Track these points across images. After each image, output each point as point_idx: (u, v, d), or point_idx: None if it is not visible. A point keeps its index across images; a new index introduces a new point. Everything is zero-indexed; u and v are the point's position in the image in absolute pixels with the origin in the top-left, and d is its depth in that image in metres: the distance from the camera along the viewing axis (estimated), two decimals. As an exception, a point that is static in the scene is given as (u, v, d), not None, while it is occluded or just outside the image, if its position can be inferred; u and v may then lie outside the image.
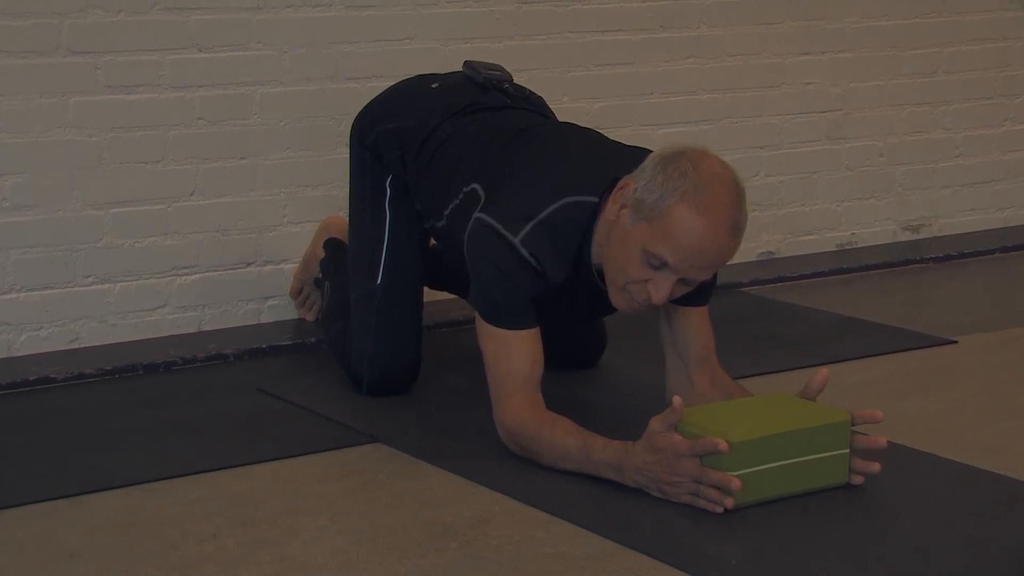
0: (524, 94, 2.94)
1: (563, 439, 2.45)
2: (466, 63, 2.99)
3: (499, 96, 2.90)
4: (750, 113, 3.96)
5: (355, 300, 2.94)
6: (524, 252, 2.50)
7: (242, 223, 3.34)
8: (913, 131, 4.21)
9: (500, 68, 2.98)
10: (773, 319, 3.53)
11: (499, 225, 2.50)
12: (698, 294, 2.57)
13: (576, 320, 2.77)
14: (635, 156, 2.54)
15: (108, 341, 3.21)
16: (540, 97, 2.99)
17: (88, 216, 3.17)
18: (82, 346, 3.18)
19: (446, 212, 2.75)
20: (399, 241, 2.90)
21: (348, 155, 3.42)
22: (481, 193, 2.64)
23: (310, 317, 3.35)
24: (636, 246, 2.40)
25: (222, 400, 2.93)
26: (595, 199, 2.51)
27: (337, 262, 3.17)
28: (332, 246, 3.23)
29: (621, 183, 2.46)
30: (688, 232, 2.37)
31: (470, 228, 2.55)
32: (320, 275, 3.25)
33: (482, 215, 2.54)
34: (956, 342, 3.33)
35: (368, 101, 3.02)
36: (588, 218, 2.52)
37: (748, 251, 3.97)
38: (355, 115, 3.01)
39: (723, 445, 2.27)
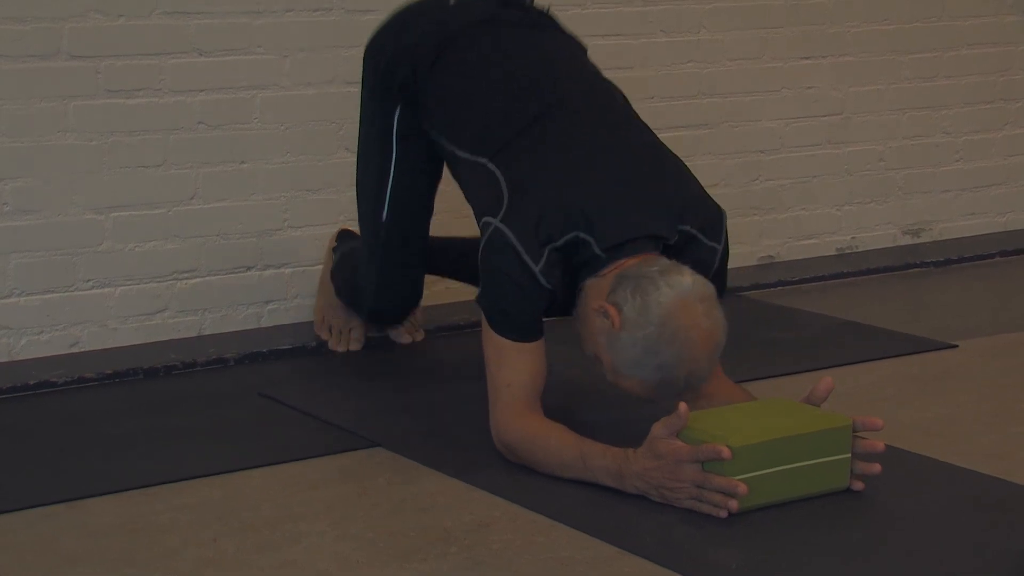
0: (544, 9, 2.85)
1: (559, 448, 2.45)
2: None
3: (519, 14, 2.81)
4: (750, 117, 3.96)
5: (363, 235, 2.96)
6: (542, 280, 2.49)
7: (242, 227, 3.34)
8: (913, 135, 4.21)
9: None
10: (773, 323, 3.53)
11: (520, 247, 2.47)
12: None
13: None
14: (666, 203, 2.52)
15: (109, 345, 3.21)
16: (556, 21, 2.89)
17: (89, 220, 3.17)
18: (82, 350, 3.18)
19: (457, 153, 2.70)
20: (405, 177, 2.86)
21: (346, 156, 3.43)
22: (503, 187, 2.54)
23: (341, 348, 3.24)
24: (621, 378, 2.45)
25: (222, 404, 2.93)
26: (602, 255, 2.48)
27: (347, 240, 3.19)
28: (339, 237, 3.24)
29: (604, 307, 2.42)
30: (675, 386, 2.42)
31: (489, 236, 2.50)
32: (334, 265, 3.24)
33: (504, 228, 2.49)
34: (957, 346, 3.33)
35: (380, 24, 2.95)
36: (587, 262, 2.50)
37: (748, 255, 3.97)
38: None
39: (726, 452, 2.27)
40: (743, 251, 3.93)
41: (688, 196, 2.57)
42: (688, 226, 2.54)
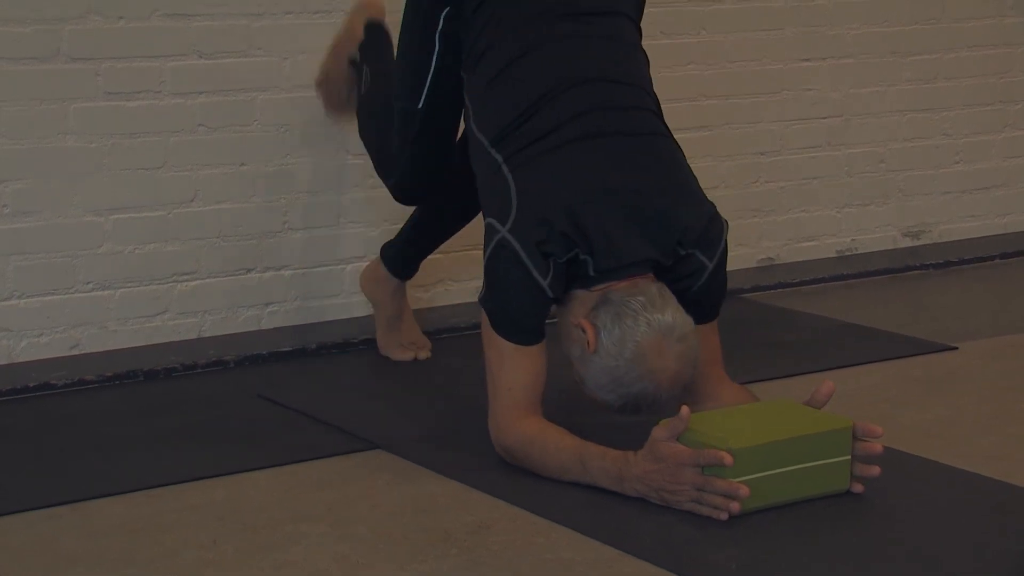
0: None
1: (558, 451, 2.45)
2: None
3: None
4: (750, 119, 3.96)
5: (397, 110, 2.90)
6: (549, 292, 2.51)
7: (242, 229, 3.34)
8: (913, 137, 4.21)
9: None
10: (773, 325, 3.53)
11: (527, 260, 2.48)
12: (706, 311, 2.58)
13: None
14: (669, 227, 2.53)
15: (109, 347, 3.20)
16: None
17: (89, 222, 3.17)
18: (83, 352, 3.18)
19: (475, 129, 2.66)
20: (443, 75, 2.81)
21: (347, 158, 3.43)
22: (513, 195, 2.53)
23: (336, 114, 3.24)
24: (586, 390, 2.50)
25: (222, 406, 2.93)
26: (595, 275, 2.50)
27: (379, 46, 3.10)
28: (373, 29, 3.15)
29: (583, 325, 2.45)
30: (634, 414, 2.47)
31: (497, 243, 2.51)
32: (358, 57, 3.16)
33: (511, 239, 2.49)
34: (957, 348, 3.33)
35: None
36: (580, 276, 2.52)
37: (748, 257, 3.97)
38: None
39: (728, 459, 2.27)
40: (743, 253, 3.93)
41: (693, 217, 2.56)
42: (686, 249, 2.55)
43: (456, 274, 3.58)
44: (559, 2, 2.67)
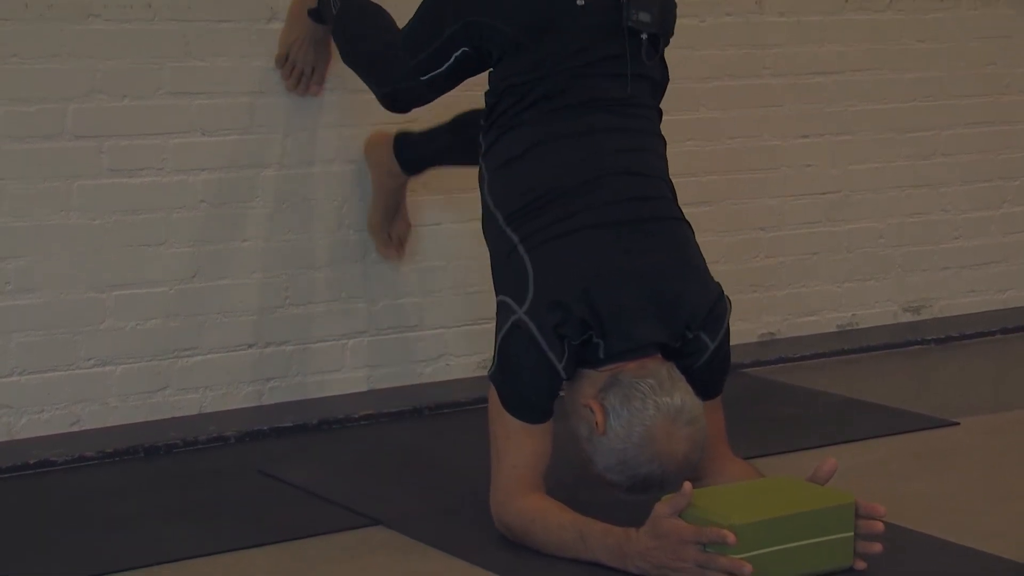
0: (645, 72, 2.69)
1: (559, 528, 2.45)
2: None
3: (619, 71, 2.66)
4: (750, 195, 3.98)
5: (402, 54, 2.84)
6: (562, 374, 2.52)
7: (243, 305, 3.34)
8: (912, 213, 4.23)
9: (651, 5, 2.67)
10: (775, 400, 3.53)
11: (544, 343, 2.49)
12: (709, 388, 2.58)
13: None
14: (678, 312, 2.54)
15: (109, 424, 3.20)
16: (659, 80, 2.74)
17: (90, 299, 3.18)
18: (83, 429, 3.17)
19: (489, 203, 2.67)
20: (446, 80, 2.79)
21: (348, 234, 3.44)
22: (530, 279, 2.54)
23: (299, 91, 3.25)
24: (594, 469, 2.50)
25: (223, 483, 2.92)
26: (604, 357, 2.51)
27: None
28: None
29: (592, 406, 2.46)
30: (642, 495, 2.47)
31: (513, 324, 2.51)
32: (316, 6, 3.16)
33: (528, 321, 2.50)
34: (958, 424, 3.32)
35: None
36: (590, 356, 2.53)
37: (749, 332, 3.97)
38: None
39: (731, 537, 2.26)
40: (744, 328, 3.93)
41: (700, 300, 2.58)
42: (693, 332, 2.57)
43: (458, 349, 3.58)
44: (586, 93, 2.65)
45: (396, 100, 2.95)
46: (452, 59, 2.76)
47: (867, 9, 4.08)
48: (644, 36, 2.66)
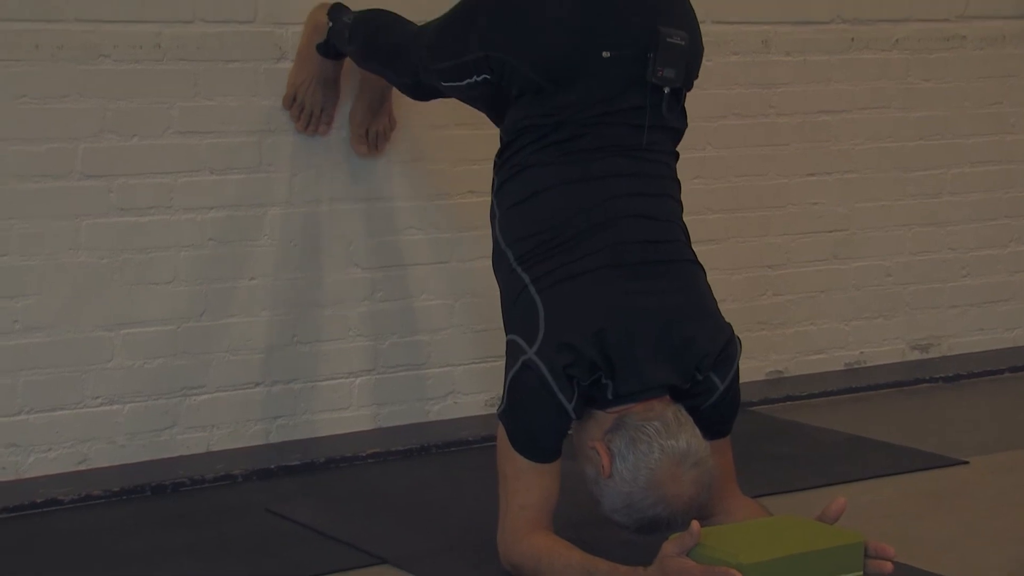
0: (667, 125, 2.69)
1: (566, 568, 2.44)
2: (663, 29, 2.63)
3: (638, 121, 2.63)
4: (757, 233, 3.99)
5: (415, 54, 2.87)
6: (572, 414, 2.52)
7: (251, 343, 3.34)
8: (919, 251, 4.23)
9: (678, 61, 2.64)
10: (782, 438, 3.52)
11: (554, 384, 2.49)
12: (717, 427, 2.58)
13: None
14: (688, 355, 2.54)
15: (117, 462, 3.20)
16: (678, 128, 2.73)
17: (98, 337, 3.18)
18: (90, 467, 3.17)
19: (499, 233, 2.67)
20: (478, 88, 2.76)
21: (355, 272, 3.44)
22: (541, 320, 2.54)
23: (309, 131, 3.28)
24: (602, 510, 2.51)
25: (230, 521, 2.92)
26: (613, 398, 2.52)
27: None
28: (338, 8, 3.18)
29: (598, 448, 2.47)
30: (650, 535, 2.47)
31: (523, 364, 2.51)
32: (328, 33, 3.17)
33: (538, 362, 2.50)
34: (967, 463, 3.31)
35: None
36: (598, 397, 2.53)
37: (757, 370, 3.97)
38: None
39: (737, 575, 2.26)
40: (751, 366, 3.93)
41: (711, 342, 2.58)
42: (703, 373, 2.57)
43: (466, 387, 3.58)
44: (603, 139, 2.64)
45: (418, 89, 2.97)
46: (471, 79, 2.75)
47: (873, 48, 4.09)
48: (667, 90, 2.65)
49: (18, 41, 3.05)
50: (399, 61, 2.97)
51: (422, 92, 2.99)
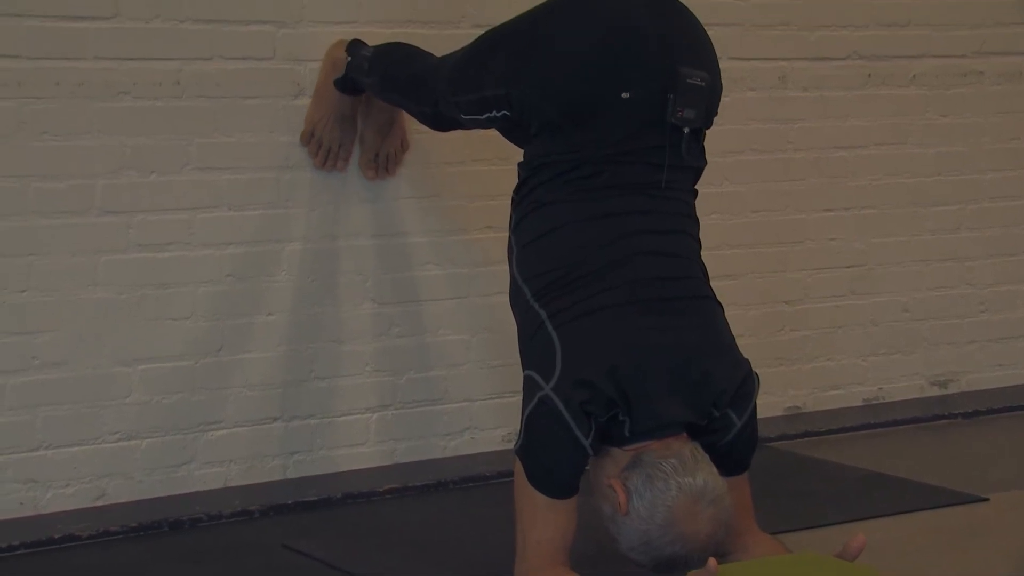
0: (686, 164, 2.68)
1: None
2: (683, 70, 2.65)
3: (657, 161, 2.63)
4: (774, 268, 3.98)
5: (441, 77, 2.88)
6: (589, 451, 2.52)
7: (268, 378, 3.35)
8: (937, 287, 4.22)
9: (699, 102, 2.65)
10: (800, 475, 3.51)
11: (571, 420, 2.49)
12: (735, 463, 2.58)
13: None
14: (706, 392, 2.55)
15: (134, 498, 3.20)
16: (697, 167, 2.72)
17: (116, 373, 3.19)
18: (108, 503, 3.17)
19: (516, 269, 2.67)
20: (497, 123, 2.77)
21: (373, 307, 3.45)
22: (558, 356, 2.54)
23: (327, 167, 3.29)
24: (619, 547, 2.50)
25: (247, 557, 2.92)
26: (629, 435, 2.52)
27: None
28: (355, 45, 3.19)
29: (615, 486, 2.47)
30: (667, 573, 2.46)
31: (540, 400, 2.51)
32: (346, 69, 3.19)
33: (555, 398, 2.50)
34: (988, 500, 3.29)
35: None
36: (615, 433, 2.53)
37: (774, 406, 3.96)
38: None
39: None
40: (769, 402, 3.92)
41: (728, 379, 2.58)
42: (720, 410, 2.57)
43: (482, 422, 3.58)
44: (622, 177, 2.64)
45: (437, 119, 2.98)
46: (491, 114, 2.75)
47: (890, 84, 4.09)
48: (687, 130, 2.65)
49: (39, 78, 3.07)
50: (419, 91, 2.98)
51: (441, 122, 2.99)
